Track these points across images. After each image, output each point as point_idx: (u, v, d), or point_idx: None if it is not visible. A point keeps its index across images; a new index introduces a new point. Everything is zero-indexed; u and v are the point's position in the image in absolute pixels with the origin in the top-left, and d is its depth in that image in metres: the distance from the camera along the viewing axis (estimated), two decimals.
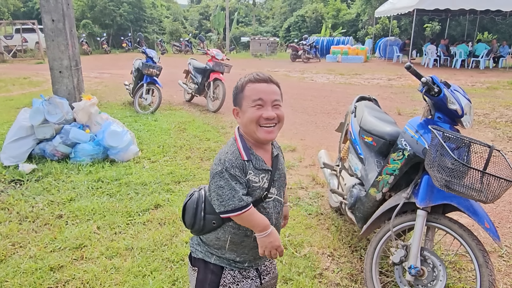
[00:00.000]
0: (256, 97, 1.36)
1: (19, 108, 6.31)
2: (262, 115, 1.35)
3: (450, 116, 2.07)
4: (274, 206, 1.47)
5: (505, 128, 6.13)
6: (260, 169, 1.40)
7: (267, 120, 1.36)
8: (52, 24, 4.61)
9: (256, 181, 1.38)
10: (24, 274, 2.41)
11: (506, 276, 2.50)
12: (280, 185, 1.50)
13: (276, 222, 1.48)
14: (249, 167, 1.37)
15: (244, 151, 1.39)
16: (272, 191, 1.45)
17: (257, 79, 1.39)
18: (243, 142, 1.42)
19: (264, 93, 1.37)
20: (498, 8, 15.13)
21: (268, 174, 1.42)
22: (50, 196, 3.52)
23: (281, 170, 1.50)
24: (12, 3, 29.88)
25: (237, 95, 1.43)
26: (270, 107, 1.37)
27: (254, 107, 1.36)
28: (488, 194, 1.71)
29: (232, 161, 1.36)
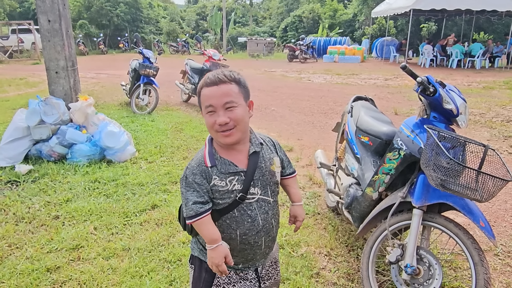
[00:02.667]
0: (207, 104, 1.31)
1: (15, 109, 6.29)
2: (216, 121, 1.30)
3: (446, 116, 2.08)
4: (259, 207, 1.41)
5: (501, 128, 6.16)
6: (226, 173, 1.35)
7: (221, 126, 1.30)
8: (48, 25, 4.60)
9: (223, 185, 1.34)
10: (21, 275, 2.40)
11: (502, 274, 2.51)
12: (265, 184, 1.42)
13: (264, 223, 1.42)
14: (213, 173, 1.34)
15: (209, 157, 1.36)
16: (254, 192, 1.39)
17: (207, 83, 1.33)
18: (210, 147, 1.40)
19: (214, 97, 1.30)
20: (494, 8, 15.24)
21: (240, 175, 1.36)
22: (47, 197, 3.51)
23: (263, 168, 1.41)
24: (8, 4, 29.74)
25: (198, 100, 1.39)
26: (222, 112, 1.30)
27: (208, 114, 1.32)
28: (483, 193, 1.72)
29: (193, 168, 1.35)
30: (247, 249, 1.42)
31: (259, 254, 1.47)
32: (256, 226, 1.40)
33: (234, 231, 1.39)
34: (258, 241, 1.43)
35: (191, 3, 45.74)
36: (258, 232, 1.41)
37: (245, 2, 38.46)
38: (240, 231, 1.39)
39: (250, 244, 1.42)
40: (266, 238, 1.45)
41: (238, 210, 1.38)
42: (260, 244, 1.44)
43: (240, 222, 1.39)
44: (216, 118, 1.30)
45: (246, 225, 1.39)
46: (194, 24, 37.43)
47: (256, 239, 1.42)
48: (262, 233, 1.43)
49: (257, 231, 1.41)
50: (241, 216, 1.39)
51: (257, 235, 1.42)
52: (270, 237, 1.47)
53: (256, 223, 1.40)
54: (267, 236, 1.45)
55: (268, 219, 1.44)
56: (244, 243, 1.41)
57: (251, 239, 1.41)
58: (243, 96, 1.36)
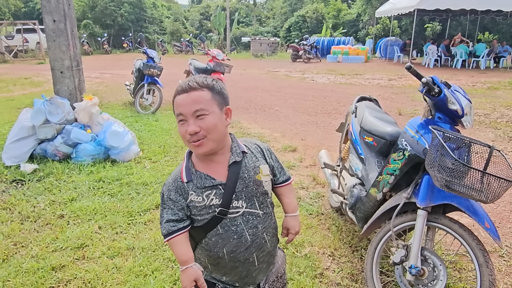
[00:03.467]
0: (177, 112, 1.25)
1: (20, 108, 6.33)
2: (187, 131, 1.23)
3: (451, 117, 2.07)
4: (246, 221, 1.31)
5: (505, 128, 6.13)
6: (203, 188, 1.28)
7: (191, 135, 1.22)
8: (54, 25, 4.62)
9: (200, 201, 1.27)
10: (26, 274, 2.42)
11: (507, 276, 2.50)
12: (251, 195, 1.32)
13: (254, 238, 1.32)
14: (189, 188, 1.28)
15: (185, 172, 1.30)
16: (238, 205, 1.29)
17: (178, 91, 1.26)
18: (188, 161, 1.33)
19: (183, 106, 1.23)
20: (499, 8, 15.14)
21: (218, 189, 1.27)
22: (52, 196, 3.53)
23: (246, 178, 1.31)
24: (13, 4, 29.92)
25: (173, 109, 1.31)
26: (192, 120, 1.22)
27: (180, 123, 1.25)
28: (488, 194, 1.72)
29: (169, 184, 1.31)
30: (239, 267, 1.34)
31: (254, 271, 1.38)
32: (244, 242, 1.31)
33: (221, 249, 1.31)
34: (249, 257, 1.33)
35: (194, 3, 45.81)
36: (247, 248, 1.32)
37: (248, 2, 38.46)
38: (227, 248, 1.31)
39: (240, 261, 1.33)
40: (258, 254, 1.35)
41: (222, 227, 1.29)
42: (252, 261, 1.34)
43: (225, 239, 1.30)
44: (186, 127, 1.23)
45: (233, 242, 1.30)
46: (198, 24, 37.49)
47: (246, 255, 1.33)
48: (253, 249, 1.33)
49: (245, 247, 1.32)
50: (225, 232, 1.30)
51: (247, 252, 1.32)
52: (264, 253, 1.37)
53: (243, 239, 1.31)
54: (260, 251, 1.35)
55: (258, 233, 1.34)
56: (233, 261, 1.33)
57: (241, 256, 1.32)
58: (216, 103, 1.27)
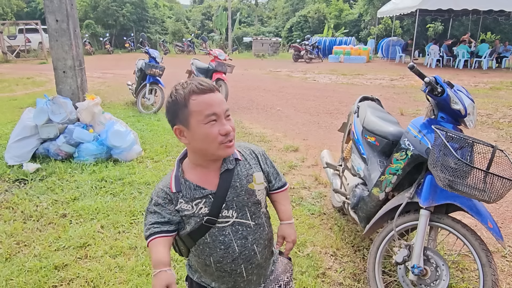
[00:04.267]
0: (209, 112, 1.15)
1: (23, 108, 6.35)
2: (220, 131, 1.16)
3: (453, 116, 2.07)
4: (235, 231, 1.26)
5: (508, 129, 6.12)
6: (192, 198, 1.24)
7: (226, 135, 1.17)
8: (56, 24, 4.63)
9: (189, 209, 1.24)
10: (29, 273, 2.43)
11: (509, 276, 2.49)
12: (242, 204, 1.27)
13: (242, 249, 1.27)
14: (178, 197, 1.25)
15: (175, 182, 1.25)
16: (228, 214, 1.25)
17: (202, 90, 1.16)
18: (177, 170, 1.28)
19: (216, 106, 1.17)
20: (501, 8, 15.12)
21: (208, 198, 1.23)
22: (54, 195, 3.54)
23: (238, 187, 1.26)
24: (15, 4, 30.01)
25: (178, 112, 1.19)
26: (224, 120, 1.18)
27: (209, 124, 1.16)
28: (491, 194, 1.71)
29: (159, 191, 1.27)
30: (225, 277, 1.31)
31: (242, 282, 1.33)
32: (231, 253, 1.26)
33: (208, 258, 1.28)
34: (236, 269, 1.29)
35: (196, 3, 45.84)
36: (235, 259, 1.27)
37: (250, 2, 38.48)
38: (214, 258, 1.27)
39: (227, 272, 1.29)
40: (247, 266, 1.30)
41: (210, 236, 1.26)
42: (240, 272, 1.30)
43: (212, 248, 1.26)
44: (219, 128, 1.17)
45: (219, 252, 1.26)
46: (200, 24, 37.51)
47: (233, 267, 1.28)
48: (240, 261, 1.28)
49: (232, 258, 1.27)
50: (213, 242, 1.26)
51: (234, 263, 1.27)
52: (253, 265, 1.31)
53: (231, 250, 1.26)
54: (248, 263, 1.30)
55: (248, 245, 1.28)
56: (220, 271, 1.29)
57: (227, 267, 1.28)
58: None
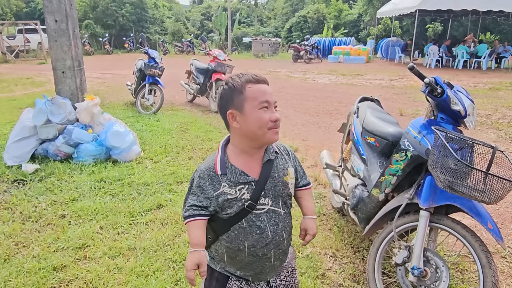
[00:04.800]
0: (263, 99, 1.30)
1: (22, 108, 6.34)
2: (270, 118, 1.30)
3: (453, 117, 2.07)
4: (269, 218, 1.37)
5: (507, 129, 6.12)
6: (237, 183, 1.33)
7: (275, 122, 1.31)
8: (55, 25, 4.63)
9: (232, 193, 1.32)
10: (28, 274, 2.42)
11: (509, 277, 2.49)
12: (278, 194, 1.39)
13: (273, 235, 1.38)
14: (222, 180, 1.33)
15: (220, 165, 1.34)
16: (264, 202, 1.36)
17: (257, 80, 1.32)
18: (223, 154, 1.37)
19: (269, 95, 1.32)
20: (501, 9, 15.11)
21: (251, 184, 1.34)
22: (53, 196, 3.53)
23: (276, 178, 1.39)
24: (15, 4, 29.99)
25: (233, 97, 1.32)
26: (273, 109, 1.33)
27: (261, 110, 1.30)
28: (491, 195, 1.71)
29: (201, 172, 1.36)
30: (255, 262, 1.39)
31: (268, 267, 1.43)
32: (265, 238, 1.37)
33: (242, 242, 1.36)
34: (267, 253, 1.39)
35: (196, 3, 45.86)
36: (267, 244, 1.38)
37: (250, 2, 38.48)
38: (248, 242, 1.36)
39: (258, 256, 1.38)
40: (275, 251, 1.41)
41: (247, 221, 1.35)
42: (269, 257, 1.40)
43: (248, 233, 1.36)
44: (270, 114, 1.30)
45: (255, 237, 1.36)
46: (199, 24, 37.51)
47: (264, 251, 1.38)
48: (272, 246, 1.39)
49: (265, 243, 1.37)
50: (249, 227, 1.35)
51: (266, 248, 1.38)
52: (280, 250, 1.43)
53: (265, 235, 1.37)
54: (277, 249, 1.41)
55: (278, 231, 1.40)
56: (252, 255, 1.38)
57: (260, 251, 1.37)
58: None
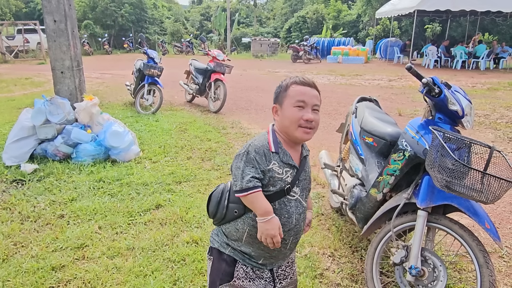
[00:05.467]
0: (299, 98, 1.42)
1: (21, 108, 6.34)
2: (303, 116, 1.41)
3: (451, 117, 2.08)
4: (296, 206, 1.49)
5: (505, 129, 6.13)
6: (286, 163, 1.44)
7: (306, 121, 1.41)
8: (54, 25, 4.63)
9: (280, 173, 1.43)
10: (26, 274, 2.42)
11: (507, 276, 2.50)
12: (304, 187, 1.53)
13: (296, 223, 1.49)
14: (274, 158, 1.43)
15: (274, 144, 1.45)
16: (295, 191, 1.48)
17: (302, 82, 1.45)
18: (274, 136, 1.47)
19: (308, 96, 1.43)
20: (499, 9, 15.14)
21: (294, 170, 1.47)
22: (52, 196, 3.53)
23: (307, 172, 1.54)
24: (14, 4, 29.97)
25: (279, 94, 1.48)
26: (310, 110, 1.43)
27: (296, 108, 1.42)
28: (488, 194, 1.72)
29: (256, 147, 1.43)
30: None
31: (282, 253, 1.52)
32: (290, 223, 1.47)
33: None
34: (287, 239, 1.48)
35: (195, 3, 45.87)
36: (290, 230, 1.48)
37: (249, 2, 38.50)
38: None
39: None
40: (293, 239, 1.51)
41: (279, 203, 1.45)
42: (287, 243, 1.49)
43: (278, 215, 1.43)
44: (304, 114, 1.41)
45: (283, 220, 1.44)
46: (198, 24, 37.50)
47: (285, 236, 1.46)
48: (292, 232, 1.49)
49: (289, 228, 1.47)
50: (280, 209, 1.45)
51: (288, 233, 1.47)
52: (296, 239, 1.54)
53: (290, 220, 1.47)
54: (295, 237, 1.52)
55: (300, 220, 1.52)
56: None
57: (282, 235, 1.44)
58: (320, 106, 1.50)
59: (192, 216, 3.17)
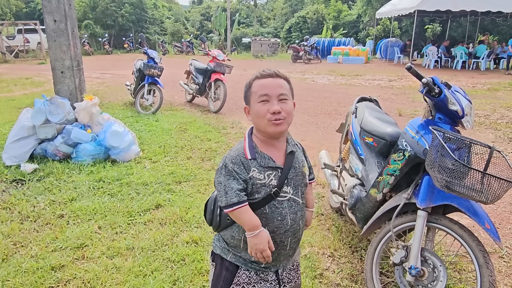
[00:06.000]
0: (262, 92, 1.37)
1: (21, 108, 6.34)
2: (269, 110, 1.35)
3: (451, 117, 2.08)
4: (290, 206, 1.44)
5: (505, 130, 6.13)
6: (266, 167, 1.39)
7: (274, 114, 1.35)
8: (54, 25, 4.62)
9: (261, 178, 1.38)
10: (26, 274, 2.42)
11: (507, 277, 2.50)
12: (297, 184, 1.46)
13: (292, 223, 1.44)
14: (252, 165, 1.38)
15: (249, 150, 1.40)
16: (286, 190, 1.43)
17: (263, 75, 1.40)
18: (250, 141, 1.43)
19: (269, 87, 1.38)
20: (499, 10, 15.13)
21: (277, 171, 1.41)
22: (52, 196, 3.53)
23: (297, 168, 1.47)
24: (14, 4, 29.97)
25: (246, 93, 1.45)
26: (276, 101, 1.37)
27: (261, 103, 1.37)
28: (488, 195, 1.72)
29: (233, 158, 1.39)
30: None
31: (283, 254, 1.48)
32: (284, 225, 1.42)
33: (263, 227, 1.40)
34: (284, 240, 1.44)
35: (195, 3, 45.88)
36: (286, 231, 1.43)
37: (249, 2, 38.51)
38: (269, 228, 1.40)
39: (276, 242, 1.42)
40: (292, 239, 1.47)
41: (269, 207, 1.40)
42: (285, 244, 1.46)
43: (270, 219, 1.40)
44: (269, 107, 1.36)
45: (276, 223, 1.41)
46: (199, 24, 37.50)
47: (282, 238, 1.43)
48: (289, 233, 1.44)
49: (284, 230, 1.43)
50: (271, 213, 1.41)
51: (284, 235, 1.43)
52: (296, 239, 1.49)
53: (285, 222, 1.42)
54: (294, 237, 1.47)
55: (297, 219, 1.46)
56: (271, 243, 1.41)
57: (278, 238, 1.42)
58: (291, 94, 1.44)
59: (192, 216, 3.17)
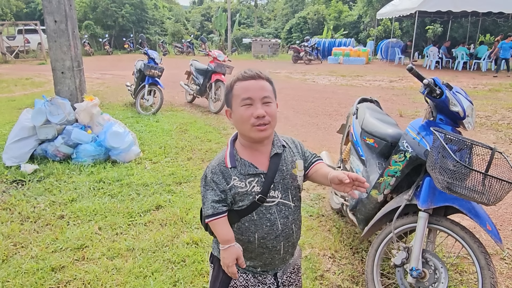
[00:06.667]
0: (244, 96, 1.29)
1: (21, 108, 6.34)
2: (253, 114, 1.28)
3: (452, 118, 2.07)
4: (279, 211, 1.38)
5: (507, 130, 6.12)
6: (246, 174, 1.34)
7: (258, 118, 1.28)
8: (55, 25, 4.62)
9: (243, 186, 1.33)
10: (26, 274, 2.41)
11: (508, 278, 2.49)
12: (286, 187, 1.40)
13: (283, 227, 1.39)
14: (233, 173, 1.34)
15: (230, 158, 1.36)
16: (274, 195, 1.37)
17: (244, 77, 1.32)
18: (231, 148, 1.39)
19: (252, 90, 1.30)
20: (501, 10, 15.15)
21: (260, 177, 1.35)
22: (52, 197, 3.53)
23: (284, 171, 1.39)
24: (15, 4, 29.99)
25: (227, 95, 1.37)
26: (259, 105, 1.30)
27: (244, 107, 1.30)
28: (490, 196, 1.71)
29: (213, 167, 1.36)
30: (265, 253, 1.41)
31: (277, 259, 1.45)
32: (275, 230, 1.38)
33: (253, 234, 1.38)
34: (277, 245, 1.40)
35: (196, 4, 45.93)
36: (277, 236, 1.39)
37: (250, 3, 38.54)
38: (259, 234, 1.38)
39: (268, 248, 1.40)
40: (285, 244, 1.42)
41: (257, 214, 1.37)
42: (278, 249, 1.42)
43: (258, 225, 1.37)
44: (253, 111, 1.28)
45: (265, 229, 1.37)
46: (199, 25, 37.54)
47: (274, 243, 1.40)
48: (281, 238, 1.40)
49: (275, 235, 1.39)
50: (259, 219, 1.37)
51: (276, 240, 1.39)
52: (289, 243, 1.44)
53: (275, 227, 1.38)
54: (286, 241, 1.42)
55: (288, 224, 1.41)
56: (262, 247, 1.39)
57: (269, 243, 1.39)
58: (274, 96, 1.37)
59: (192, 217, 3.16)
